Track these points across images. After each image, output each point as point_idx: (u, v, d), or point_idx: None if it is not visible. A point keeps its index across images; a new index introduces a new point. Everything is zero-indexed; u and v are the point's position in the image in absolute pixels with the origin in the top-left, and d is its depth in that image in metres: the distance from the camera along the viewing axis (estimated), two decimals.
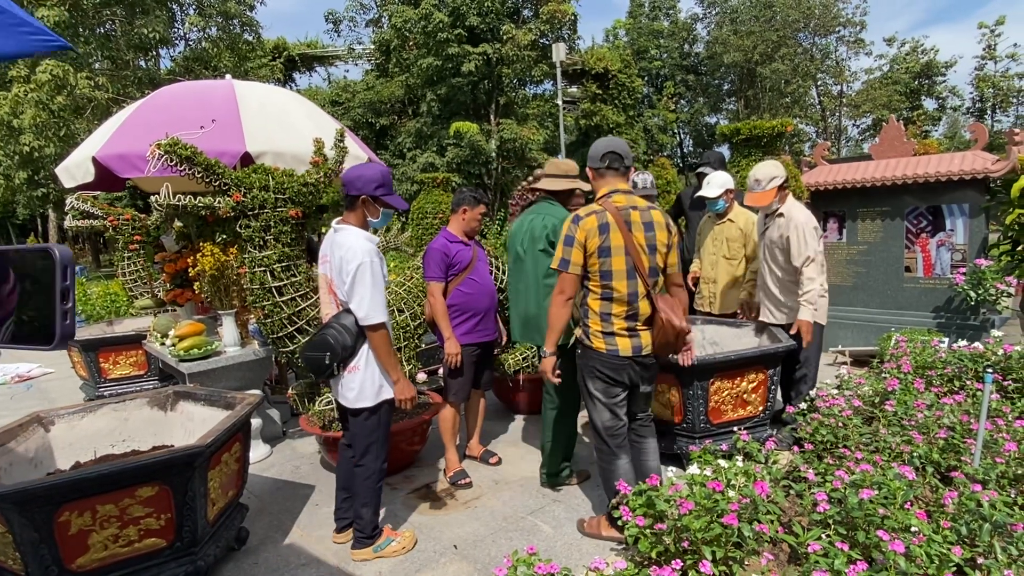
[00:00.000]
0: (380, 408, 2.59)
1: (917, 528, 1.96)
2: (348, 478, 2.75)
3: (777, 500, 2.25)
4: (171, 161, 3.12)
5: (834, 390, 3.36)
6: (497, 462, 3.65)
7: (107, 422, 2.93)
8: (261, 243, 3.24)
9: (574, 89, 23.13)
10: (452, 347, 3.25)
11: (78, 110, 13.43)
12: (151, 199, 3.55)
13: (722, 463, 2.37)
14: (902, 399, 3.12)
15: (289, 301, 3.26)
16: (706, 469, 2.36)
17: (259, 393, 3.11)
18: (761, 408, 3.34)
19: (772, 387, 3.36)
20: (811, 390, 3.43)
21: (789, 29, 27.71)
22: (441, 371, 3.70)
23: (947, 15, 59.01)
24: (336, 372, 2.52)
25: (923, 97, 31.03)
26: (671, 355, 2.67)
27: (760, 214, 3.74)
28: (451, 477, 3.41)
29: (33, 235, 25.80)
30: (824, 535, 2.08)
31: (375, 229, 2.68)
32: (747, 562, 2.08)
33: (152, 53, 16.87)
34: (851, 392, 3.30)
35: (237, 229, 3.28)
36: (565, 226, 2.52)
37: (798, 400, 3.43)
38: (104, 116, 12.05)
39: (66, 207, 5.19)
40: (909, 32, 64.22)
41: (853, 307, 5.80)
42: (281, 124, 4.21)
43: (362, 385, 2.53)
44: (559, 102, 17.44)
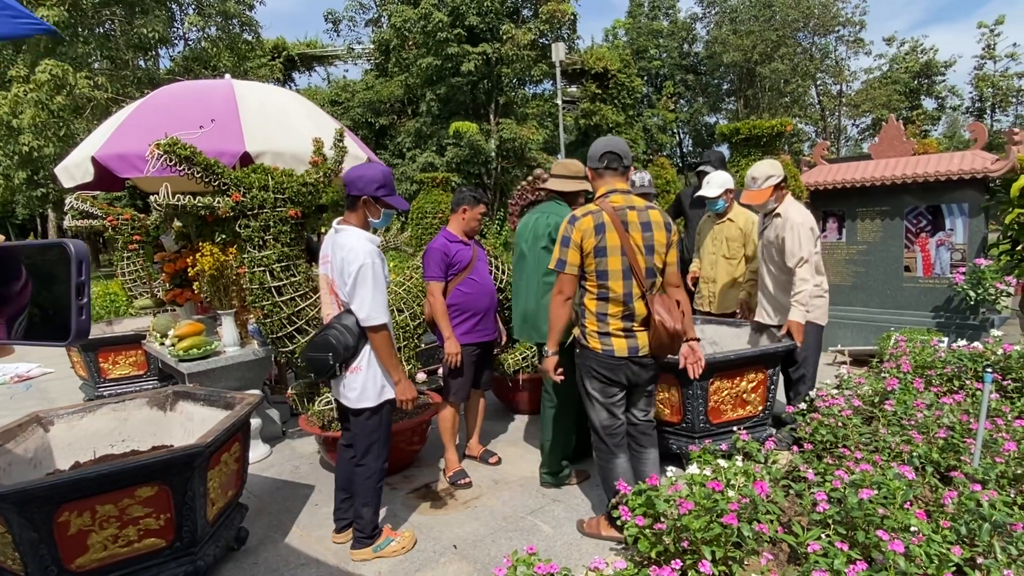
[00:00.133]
0: (382, 408, 2.59)
1: (917, 528, 1.96)
2: (347, 478, 2.75)
3: (777, 500, 2.25)
4: (170, 161, 3.11)
5: (834, 390, 3.36)
6: (497, 462, 3.65)
7: (106, 422, 2.93)
8: (260, 243, 3.23)
9: (573, 89, 23.15)
10: (452, 347, 3.25)
11: (77, 110, 13.42)
12: (150, 199, 3.55)
13: (722, 463, 2.37)
14: (902, 399, 3.12)
15: (288, 301, 3.26)
16: (706, 469, 2.36)
17: (258, 393, 3.11)
18: (761, 408, 3.35)
19: (772, 387, 3.36)
20: (811, 390, 3.43)
21: (788, 29, 27.72)
22: (441, 371, 3.70)
23: (946, 14, 59.12)
24: (338, 372, 2.52)
25: (922, 97, 31.03)
26: (669, 356, 2.66)
27: (760, 214, 3.73)
28: (451, 477, 3.41)
29: (32, 235, 25.76)
30: (824, 535, 2.08)
31: (375, 229, 2.68)
32: (747, 562, 2.08)
33: (151, 53, 16.87)
34: (851, 392, 3.30)
35: (236, 229, 3.28)
36: (562, 227, 2.53)
37: (797, 400, 3.42)
38: (103, 116, 12.05)
39: (65, 207, 5.19)
40: (908, 32, 64.46)
41: (852, 307, 5.81)
42: (280, 124, 4.21)
43: (364, 385, 2.53)
44: (558, 102, 17.44)
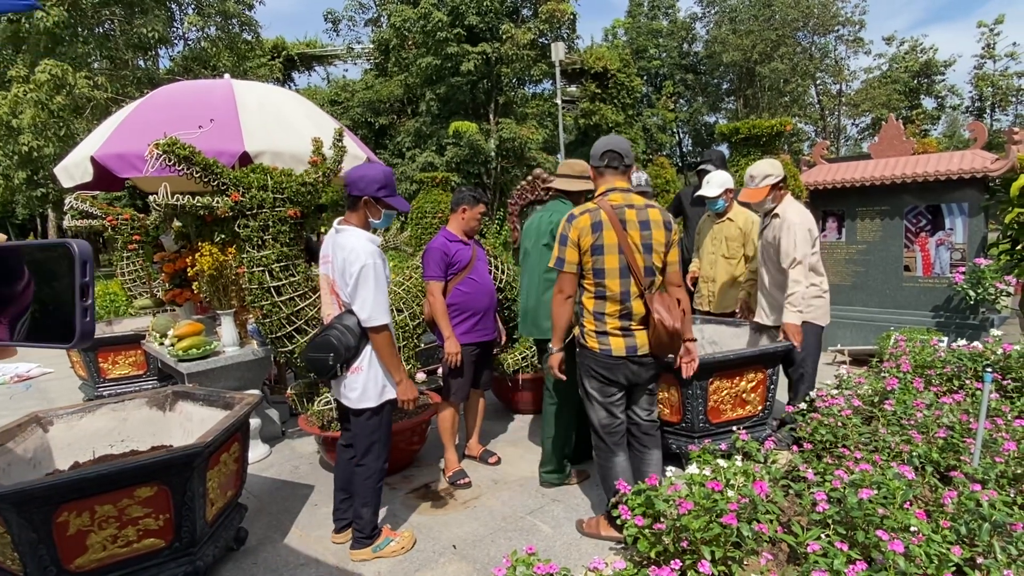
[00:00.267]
0: (383, 408, 2.59)
1: (916, 528, 1.96)
2: (347, 478, 2.75)
3: (776, 500, 2.25)
4: (169, 161, 3.11)
5: (833, 390, 3.36)
6: (496, 462, 3.65)
7: (106, 422, 2.93)
8: (259, 243, 3.23)
9: (573, 88, 23.13)
10: (452, 346, 3.25)
11: (77, 110, 13.42)
12: (149, 199, 3.55)
13: (721, 463, 2.37)
14: (901, 398, 3.12)
15: (288, 301, 3.26)
16: (705, 469, 2.36)
17: (258, 393, 3.11)
18: (760, 407, 3.34)
19: (771, 386, 3.35)
20: (810, 390, 3.43)
21: (788, 28, 27.71)
22: (440, 371, 3.70)
23: (946, 14, 59.08)
24: (339, 373, 2.52)
25: (922, 96, 31.01)
26: (669, 355, 2.66)
27: (760, 213, 3.73)
28: (450, 477, 3.41)
29: (32, 235, 25.75)
30: (823, 535, 2.08)
31: (375, 229, 2.67)
32: (746, 562, 2.08)
33: (151, 53, 16.86)
34: (850, 391, 3.30)
35: (235, 229, 3.27)
36: (560, 225, 2.55)
37: (797, 400, 3.41)
38: (103, 116, 12.04)
39: (65, 207, 5.19)
40: (908, 31, 64.39)
41: (852, 306, 5.81)
42: (279, 123, 4.20)
43: (365, 385, 2.53)
44: (558, 101, 17.44)
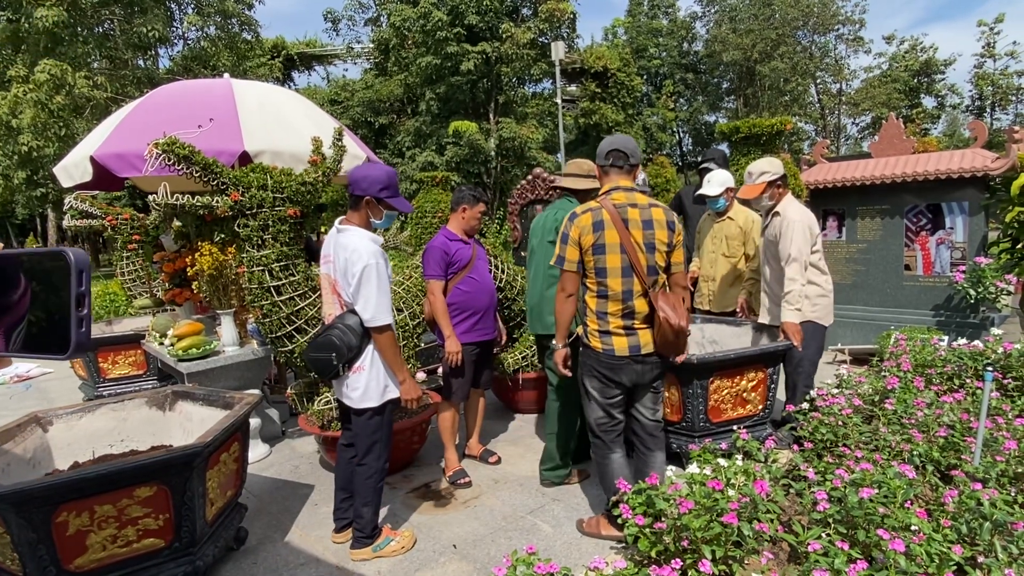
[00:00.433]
0: (384, 408, 2.59)
1: (917, 527, 1.96)
2: (347, 478, 2.75)
3: (777, 499, 2.24)
4: (169, 160, 3.11)
5: (834, 389, 3.36)
6: (496, 461, 3.65)
7: (105, 422, 2.93)
8: (259, 242, 3.23)
9: (573, 88, 23.12)
10: (452, 345, 3.24)
11: (77, 110, 13.42)
12: (149, 198, 3.55)
13: (722, 462, 2.37)
14: (902, 397, 3.11)
15: (287, 300, 3.25)
16: (706, 468, 2.36)
17: (258, 393, 3.10)
18: (761, 407, 3.34)
19: (772, 386, 3.35)
20: (809, 390, 3.41)
21: (788, 27, 27.68)
22: (440, 370, 3.70)
23: (946, 13, 59.10)
24: (341, 372, 2.52)
25: (922, 95, 31.00)
26: (674, 354, 2.64)
27: (760, 212, 3.73)
28: (450, 476, 3.41)
29: (32, 235, 25.78)
30: (824, 534, 2.08)
31: (375, 229, 2.67)
32: (747, 561, 2.07)
33: (151, 52, 16.86)
34: (851, 391, 3.30)
35: (235, 228, 3.27)
36: (563, 224, 2.54)
37: (796, 401, 3.38)
38: (103, 115, 12.03)
39: (64, 207, 5.19)
40: (908, 30, 64.40)
41: (852, 305, 5.80)
42: (279, 123, 4.20)
43: (367, 385, 2.53)
44: (558, 101, 17.42)
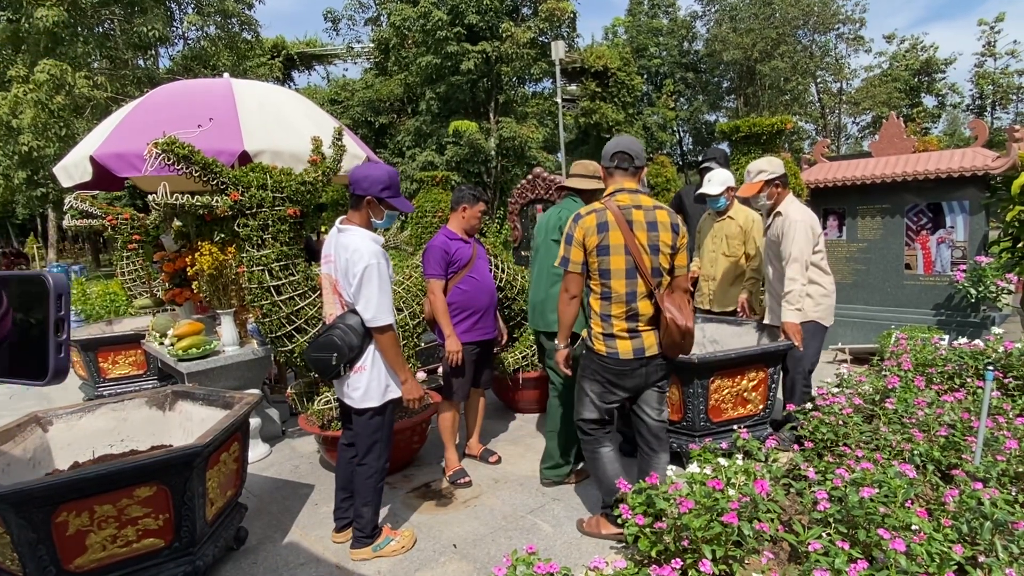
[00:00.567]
0: (386, 408, 2.59)
1: (918, 526, 1.96)
2: (347, 477, 2.75)
3: (777, 498, 2.24)
4: (168, 160, 3.10)
5: (835, 388, 3.35)
6: (497, 461, 3.65)
7: (105, 422, 2.93)
8: (259, 242, 3.23)
9: (573, 87, 23.08)
10: (453, 345, 3.24)
11: (77, 110, 13.42)
12: (149, 198, 3.54)
13: (722, 461, 2.37)
14: (902, 397, 3.11)
15: (287, 300, 3.25)
16: (706, 467, 2.36)
17: (258, 392, 3.10)
18: (761, 406, 3.33)
19: (772, 385, 3.34)
20: (809, 390, 3.38)
21: (788, 26, 27.64)
22: (441, 369, 3.70)
23: (947, 12, 59.02)
24: (343, 372, 2.52)
25: (923, 94, 30.96)
26: (679, 356, 2.62)
27: (761, 212, 3.73)
28: (450, 476, 3.41)
29: (33, 235, 25.78)
30: (824, 534, 2.08)
31: (376, 229, 2.66)
32: (747, 561, 2.07)
33: (151, 52, 16.86)
34: (851, 390, 3.30)
35: (235, 228, 3.27)
36: (567, 225, 2.54)
37: (796, 401, 3.36)
38: (103, 115, 12.04)
39: (65, 207, 5.19)
40: (909, 29, 64.28)
41: (853, 305, 5.79)
42: (279, 123, 4.19)
43: (368, 385, 2.52)
44: (558, 100, 17.39)
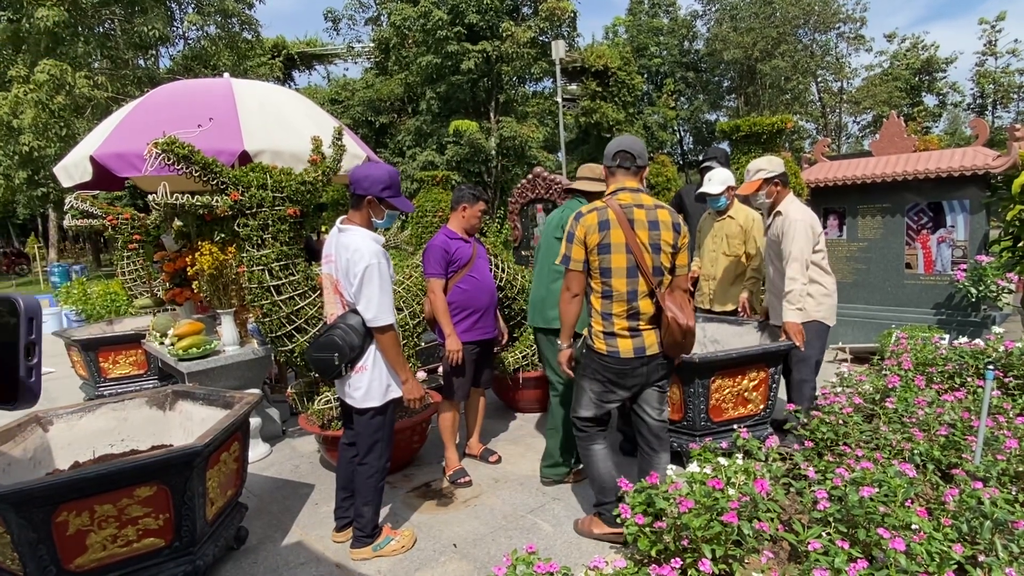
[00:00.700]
0: (387, 408, 2.60)
1: (918, 526, 1.96)
2: (348, 477, 2.75)
3: (777, 498, 2.24)
4: (168, 159, 3.11)
5: (835, 388, 3.35)
6: (497, 460, 3.65)
7: (106, 422, 2.93)
8: (259, 242, 3.23)
9: (574, 87, 23.06)
10: (453, 344, 3.24)
11: (78, 110, 13.43)
12: (149, 198, 3.55)
13: (722, 461, 2.37)
14: (903, 396, 3.11)
15: (287, 300, 3.25)
16: (706, 467, 2.35)
17: (258, 392, 3.10)
18: (762, 406, 3.33)
19: (773, 385, 3.34)
20: (815, 390, 3.35)
21: (789, 26, 27.62)
22: (441, 369, 3.70)
23: (947, 11, 58.95)
24: (344, 372, 2.52)
25: (924, 93, 30.94)
26: (681, 355, 2.61)
27: (762, 211, 3.73)
28: (451, 475, 3.41)
29: (34, 234, 25.80)
30: (824, 533, 2.08)
31: (376, 228, 2.66)
32: (747, 560, 2.07)
33: (151, 52, 16.86)
34: (851, 389, 3.29)
35: (235, 228, 3.27)
36: (568, 223, 2.54)
37: (802, 404, 3.30)
38: (104, 115, 12.04)
39: (65, 207, 5.19)
40: (909, 28, 64.26)
41: (853, 304, 5.79)
42: (279, 122, 4.20)
43: (370, 384, 2.53)
44: (559, 100, 17.38)
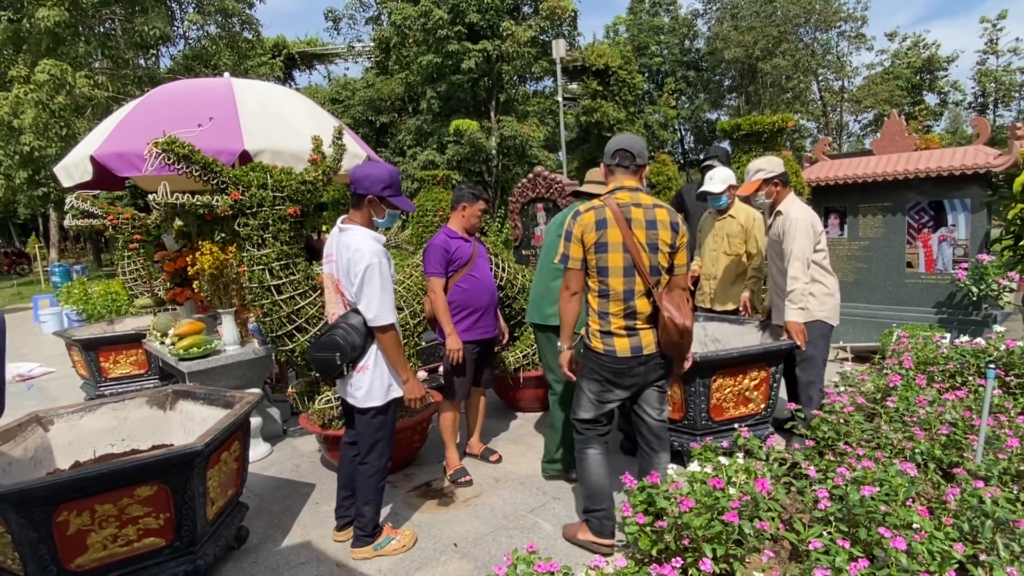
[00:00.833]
0: (389, 407, 2.60)
1: (919, 525, 1.95)
2: (350, 476, 2.75)
3: (778, 497, 2.24)
4: (168, 159, 3.11)
5: (837, 387, 3.34)
6: (497, 460, 3.65)
7: (106, 421, 2.93)
8: (260, 241, 3.23)
9: (574, 86, 23.04)
10: (454, 343, 3.24)
11: (78, 109, 13.43)
12: (149, 198, 3.55)
13: (723, 460, 2.36)
14: (904, 395, 3.10)
15: (288, 299, 3.25)
16: (707, 466, 2.35)
17: (258, 392, 3.11)
18: (763, 405, 3.33)
19: (774, 384, 3.34)
20: (821, 393, 3.32)
21: (790, 24, 27.59)
22: (441, 368, 3.69)
23: (948, 9, 58.82)
24: (346, 372, 2.52)
25: (925, 92, 30.90)
26: (679, 355, 2.60)
27: (762, 211, 3.73)
28: (451, 475, 3.41)
29: (35, 234, 25.83)
30: (825, 532, 2.07)
31: (377, 228, 2.66)
32: (748, 559, 2.07)
33: (152, 52, 16.87)
34: (853, 388, 3.29)
35: (235, 227, 3.27)
36: (566, 222, 2.53)
37: (809, 406, 3.29)
38: (105, 115, 12.04)
39: (66, 206, 5.20)
40: (910, 27, 64.09)
41: (854, 303, 5.78)
42: (279, 122, 4.20)
43: (371, 384, 2.53)
44: (559, 99, 17.38)
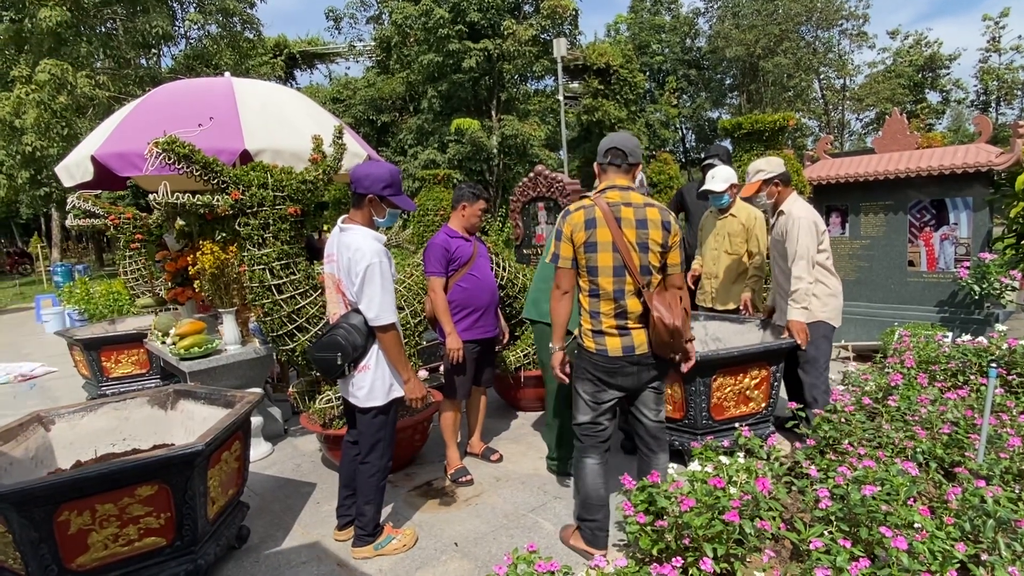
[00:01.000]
0: (390, 407, 2.60)
1: (920, 524, 1.95)
2: (351, 475, 2.75)
3: (779, 497, 2.24)
4: (169, 159, 3.11)
5: (838, 386, 3.34)
6: (498, 459, 3.65)
7: (108, 421, 2.94)
8: (260, 241, 3.23)
9: (575, 85, 23.04)
10: (454, 342, 3.23)
11: (80, 109, 13.46)
12: (150, 197, 3.55)
13: (724, 460, 2.36)
14: (905, 394, 3.10)
15: (288, 299, 3.25)
16: (707, 466, 2.35)
17: (259, 391, 3.11)
18: (764, 404, 3.33)
19: (775, 383, 3.33)
20: (826, 394, 3.29)
21: (791, 23, 27.54)
22: (442, 368, 3.69)
23: (950, 7, 58.69)
24: (347, 372, 2.52)
25: (927, 90, 30.83)
26: (671, 355, 2.60)
27: (764, 211, 3.73)
28: (452, 474, 3.41)
29: (36, 234, 25.88)
30: (826, 532, 2.07)
31: (378, 227, 2.65)
32: (749, 559, 2.07)
33: (153, 51, 16.89)
34: (854, 387, 3.28)
35: (236, 227, 3.27)
36: (557, 221, 2.52)
37: (813, 407, 3.26)
38: (106, 115, 12.06)
39: (68, 206, 5.20)
40: (912, 25, 64.11)
41: (856, 302, 5.77)
42: (280, 121, 4.20)
43: (372, 384, 2.53)
44: (560, 98, 17.36)
